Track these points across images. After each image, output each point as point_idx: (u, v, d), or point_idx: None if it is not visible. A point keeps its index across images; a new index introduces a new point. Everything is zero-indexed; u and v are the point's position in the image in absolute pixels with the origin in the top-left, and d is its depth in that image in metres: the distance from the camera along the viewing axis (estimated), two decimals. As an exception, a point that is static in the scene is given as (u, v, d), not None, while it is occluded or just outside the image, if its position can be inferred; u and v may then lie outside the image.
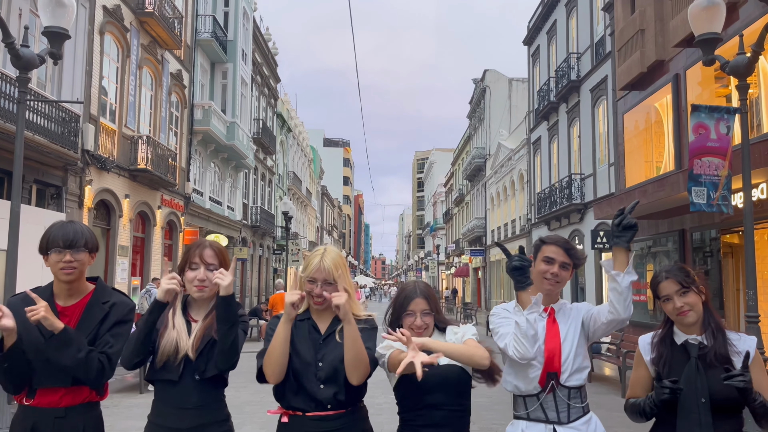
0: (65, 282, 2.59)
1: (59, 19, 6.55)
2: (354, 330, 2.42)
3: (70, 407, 2.54)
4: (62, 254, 2.53)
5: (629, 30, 15.13)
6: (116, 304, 2.66)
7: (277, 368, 2.45)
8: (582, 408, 2.65)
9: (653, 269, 15.21)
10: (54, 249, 2.53)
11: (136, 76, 17.07)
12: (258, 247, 32.43)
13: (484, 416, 7.92)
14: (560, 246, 2.73)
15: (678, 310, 2.50)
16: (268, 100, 34.51)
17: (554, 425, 2.60)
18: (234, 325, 2.48)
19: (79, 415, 2.56)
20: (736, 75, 6.69)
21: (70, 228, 2.59)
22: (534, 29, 27.37)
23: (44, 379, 2.52)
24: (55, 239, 2.54)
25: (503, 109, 37.77)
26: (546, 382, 2.62)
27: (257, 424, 7.23)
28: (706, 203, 7.04)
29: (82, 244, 2.57)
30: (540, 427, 2.62)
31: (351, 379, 2.44)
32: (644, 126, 15.85)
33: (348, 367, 2.43)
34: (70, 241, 2.54)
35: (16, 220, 6.37)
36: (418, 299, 2.64)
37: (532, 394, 2.64)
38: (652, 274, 2.66)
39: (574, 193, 20.59)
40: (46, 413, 2.51)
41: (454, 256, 51.56)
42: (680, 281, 2.50)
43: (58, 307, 2.60)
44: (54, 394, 2.53)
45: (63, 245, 2.53)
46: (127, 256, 16.75)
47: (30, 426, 2.50)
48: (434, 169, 78.02)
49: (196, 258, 2.58)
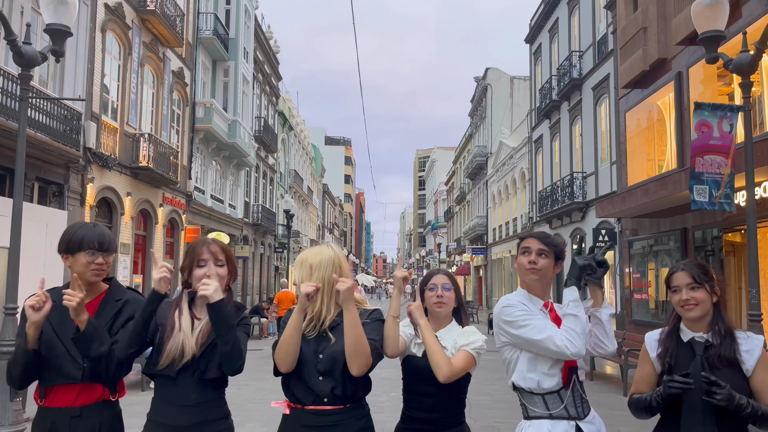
0: (92, 282, 2.64)
1: (61, 16, 6.54)
2: (354, 317, 2.43)
3: (85, 406, 2.55)
4: (95, 256, 2.60)
5: (632, 28, 15.10)
6: (129, 301, 2.69)
7: (288, 357, 2.47)
8: (587, 401, 2.69)
9: (655, 268, 15.20)
10: (88, 250, 2.58)
11: (137, 73, 17.06)
12: (259, 246, 32.44)
13: (486, 414, 7.92)
14: (534, 236, 2.79)
15: (683, 302, 2.49)
16: (269, 98, 34.51)
17: (576, 421, 2.59)
18: (231, 329, 2.46)
19: (95, 415, 2.57)
20: (740, 73, 6.66)
21: (101, 231, 2.66)
22: (536, 27, 27.33)
23: (54, 376, 2.54)
24: (90, 241, 2.59)
25: (505, 107, 37.72)
26: (568, 377, 2.61)
27: (259, 422, 7.23)
28: (707, 201, 7.02)
29: (114, 248, 2.68)
30: (564, 425, 2.57)
31: (351, 368, 2.44)
32: (646, 124, 15.82)
33: (347, 355, 2.43)
34: (105, 244, 2.62)
35: (18, 217, 6.36)
36: (439, 275, 2.86)
37: (554, 391, 2.60)
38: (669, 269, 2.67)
39: (575, 191, 20.57)
40: (62, 413, 2.53)
41: (456, 255, 51.55)
42: (693, 275, 2.50)
43: None
44: (68, 394, 2.54)
45: (99, 247, 2.60)
46: (129, 254, 16.76)
47: (48, 427, 2.53)
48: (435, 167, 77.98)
49: (204, 254, 2.57)
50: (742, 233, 11.61)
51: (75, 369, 2.53)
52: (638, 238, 16.03)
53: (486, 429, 7.23)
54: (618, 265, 17.50)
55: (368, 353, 2.46)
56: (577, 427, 2.58)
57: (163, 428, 2.49)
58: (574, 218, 21.36)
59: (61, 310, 2.56)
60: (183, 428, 2.47)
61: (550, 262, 2.72)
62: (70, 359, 2.53)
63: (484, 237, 39.49)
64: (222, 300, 2.46)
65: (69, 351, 2.54)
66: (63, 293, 2.47)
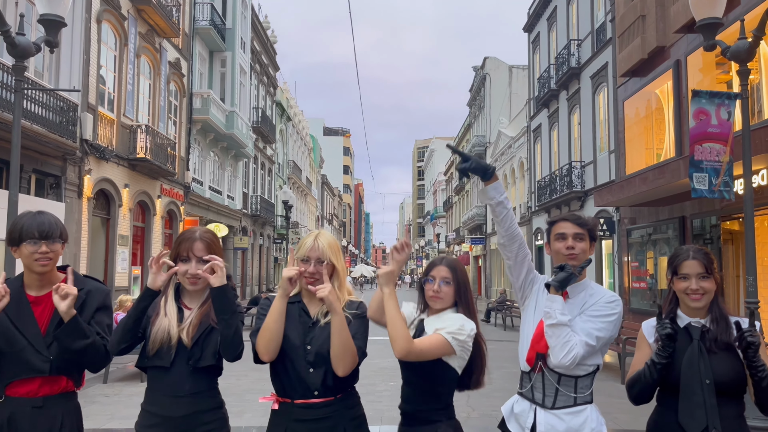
0: (39, 273, 2.54)
1: (55, 6, 6.49)
2: (341, 320, 2.40)
3: (48, 397, 2.50)
4: (38, 245, 2.48)
5: (630, 16, 15.03)
6: (91, 291, 2.63)
7: (272, 344, 2.42)
8: (574, 398, 2.56)
9: (653, 257, 15.21)
10: (29, 240, 2.48)
11: (134, 64, 16.98)
12: (258, 236, 32.45)
13: (483, 402, 7.95)
14: (568, 219, 2.71)
15: (692, 291, 2.47)
16: (267, 89, 34.38)
17: (537, 407, 2.60)
18: (235, 314, 2.46)
19: (57, 405, 2.51)
20: (737, 60, 6.64)
21: (43, 218, 2.53)
22: (534, 16, 27.20)
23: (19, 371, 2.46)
24: (29, 230, 2.48)
25: (503, 96, 37.61)
26: (534, 362, 2.61)
27: (258, 412, 7.25)
28: (707, 189, 7.02)
29: (57, 234, 2.53)
30: (526, 406, 2.65)
31: (337, 369, 2.41)
32: (645, 113, 15.79)
33: (334, 358, 2.40)
34: (45, 232, 2.50)
35: (14, 209, 6.35)
36: (440, 266, 2.61)
37: (525, 371, 2.68)
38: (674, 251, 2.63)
39: (574, 180, 20.56)
40: (22, 403, 2.46)
41: (455, 245, 51.61)
42: (705, 265, 2.49)
43: (30, 297, 2.56)
44: (30, 384, 2.48)
45: (39, 236, 2.48)
46: (128, 245, 16.75)
47: (6, 417, 2.44)
48: (434, 157, 77.88)
49: (185, 253, 2.55)
50: (740, 221, 11.62)
51: (42, 362, 2.46)
52: (637, 226, 16.05)
53: (484, 417, 7.26)
54: (616, 254, 17.53)
55: (355, 354, 2.43)
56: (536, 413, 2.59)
57: (157, 418, 2.48)
58: (573, 207, 21.36)
59: (17, 303, 2.49)
60: (177, 418, 2.46)
61: (586, 244, 2.66)
62: (34, 353, 2.46)
63: (483, 227, 39.52)
64: (227, 285, 2.47)
65: (32, 344, 2.47)
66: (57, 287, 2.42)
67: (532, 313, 2.72)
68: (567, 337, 2.48)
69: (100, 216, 15.54)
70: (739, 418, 2.44)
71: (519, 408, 2.68)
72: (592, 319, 2.56)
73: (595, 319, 2.56)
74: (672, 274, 2.56)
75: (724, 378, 2.39)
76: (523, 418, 2.63)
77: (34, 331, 2.49)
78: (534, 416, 2.59)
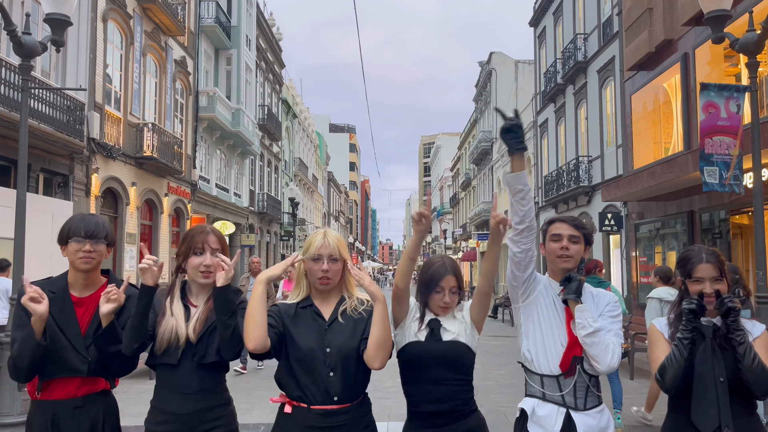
0: (83, 271, 2.61)
1: (61, 5, 6.50)
2: (383, 308, 2.42)
3: (88, 396, 2.57)
4: (82, 244, 2.57)
5: (637, 9, 14.92)
6: (130, 297, 2.66)
7: (257, 329, 2.34)
8: (598, 397, 2.62)
9: (662, 251, 15.13)
10: (75, 238, 2.57)
11: (140, 63, 17.01)
12: (265, 234, 32.51)
13: (492, 399, 7.94)
14: (565, 221, 2.71)
15: (706, 296, 2.45)
16: (272, 86, 34.39)
17: (569, 410, 2.55)
18: (233, 315, 2.48)
19: (96, 404, 2.59)
20: (746, 52, 6.57)
21: (91, 219, 2.65)
22: (540, 10, 27.07)
23: (58, 369, 2.53)
24: (76, 229, 2.59)
25: (509, 91, 37.46)
26: (570, 365, 2.55)
27: (266, 410, 7.26)
28: (718, 183, 6.96)
29: (103, 236, 2.63)
30: (552, 409, 2.56)
31: (374, 362, 2.39)
32: (652, 107, 15.68)
33: (374, 349, 2.38)
34: (91, 232, 2.59)
35: (22, 208, 6.37)
36: (449, 276, 2.59)
37: (553, 375, 2.58)
38: (683, 251, 2.61)
39: (581, 175, 20.46)
40: (64, 404, 2.53)
41: (462, 241, 51.53)
42: (720, 269, 2.48)
43: (73, 297, 2.63)
44: (70, 385, 2.55)
45: (84, 235, 2.58)
46: (135, 243, 16.82)
47: (50, 418, 2.51)
48: (441, 153, 77.73)
49: (200, 244, 2.59)
50: (749, 215, 11.53)
51: (80, 363, 2.53)
52: (645, 221, 15.96)
53: (491, 414, 7.24)
54: (624, 249, 17.45)
55: (391, 347, 2.46)
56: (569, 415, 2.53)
57: (166, 415, 2.51)
58: (580, 202, 21.26)
59: (62, 303, 2.56)
60: (185, 415, 2.48)
61: (581, 247, 2.67)
62: (74, 353, 2.53)
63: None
64: (228, 286, 2.51)
65: (72, 344, 2.54)
66: (109, 289, 2.50)
67: (537, 318, 2.66)
68: (606, 341, 2.52)
69: (107, 214, 15.60)
70: (752, 416, 2.43)
71: (543, 411, 2.57)
72: (612, 320, 2.64)
73: (614, 319, 2.64)
74: (685, 277, 2.55)
75: (737, 376, 2.37)
76: (550, 421, 2.55)
77: (75, 331, 2.56)
78: (563, 419, 2.54)
